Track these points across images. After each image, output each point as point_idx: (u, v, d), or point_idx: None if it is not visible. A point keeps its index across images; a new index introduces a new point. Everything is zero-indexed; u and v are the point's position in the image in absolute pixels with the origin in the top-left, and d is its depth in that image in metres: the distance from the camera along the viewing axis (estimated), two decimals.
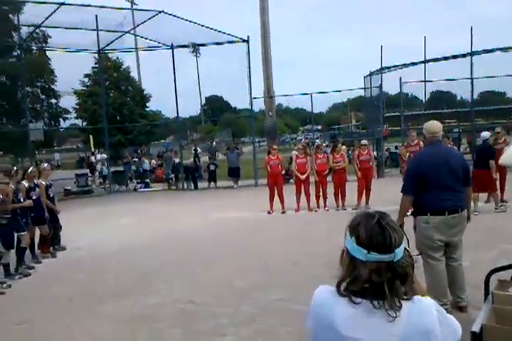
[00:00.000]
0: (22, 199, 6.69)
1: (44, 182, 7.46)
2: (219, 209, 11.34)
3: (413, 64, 19.05)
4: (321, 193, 10.23)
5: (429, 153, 4.22)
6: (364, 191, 10.02)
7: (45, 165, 8.27)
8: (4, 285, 5.97)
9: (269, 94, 19.93)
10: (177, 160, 17.01)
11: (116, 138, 28.60)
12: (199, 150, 20.12)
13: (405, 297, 1.28)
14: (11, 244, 6.24)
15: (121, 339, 4.20)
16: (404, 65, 18.55)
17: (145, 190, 17.43)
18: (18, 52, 16.72)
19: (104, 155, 19.24)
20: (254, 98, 16.74)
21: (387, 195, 7.68)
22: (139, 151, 26.59)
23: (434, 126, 4.21)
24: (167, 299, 5.17)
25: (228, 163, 16.45)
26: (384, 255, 1.26)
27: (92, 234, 9.03)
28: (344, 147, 12.07)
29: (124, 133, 31.22)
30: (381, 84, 16.93)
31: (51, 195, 7.63)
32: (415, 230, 4.14)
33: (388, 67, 18.34)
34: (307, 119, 60.14)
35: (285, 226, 8.99)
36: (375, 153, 12.83)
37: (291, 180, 14.07)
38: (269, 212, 10.25)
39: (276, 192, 10.33)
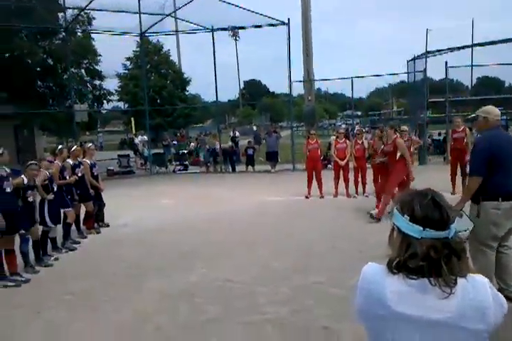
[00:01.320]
0: (68, 177, 6.95)
1: (88, 161, 7.70)
2: (257, 192, 11.42)
3: (459, 48, 18.29)
4: (360, 179, 10.12)
5: (497, 135, 4.00)
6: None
7: (90, 144, 8.49)
8: (52, 258, 6.27)
9: (308, 78, 19.69)
10: (216, 144, 17.18)
11: (156, 121, 29.11)
12: (237, 134, 20.20)
13: (460, 274, 1.27)
14: (57, 219, 6.52)
15: (164, 313, 4.34)
16: (450, 49, 17.83)
17: (184, 172, 17.72)
18: (64, 34, 17.15)
19: (145, 137, 19.63)
20: (296, 81, 16.58)
21: (431, 182, 7.51)
22: (178, 134, 26.97)
23: (497, 109, 4.08)
24: (206, 277, 5.30)
25: (266, 147, 16.45)
26: (440, 232, 1.26)
27: (134, 213, 9.30)
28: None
29: (164, 116, 31.74)
30: (425, 69, 16.39)
31: (95, 174, 7.84)
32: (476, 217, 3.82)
33: (433, 52, 17.69)
34: (346, 105, 59.19)
35: (322, 211, 8.97)
36: (416, 138, 12.45)
37: (329, 166, 13.98)
38: (306, 197, 10.24)
39: (314, 176, 10.28)
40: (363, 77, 17.52)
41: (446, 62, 16.27)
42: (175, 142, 21.97)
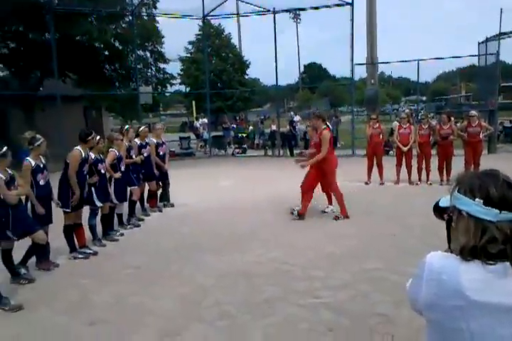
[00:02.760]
0: (134, 156, 7.22)
1: (155, 140, 7.92)
2: None
3: None
4: (423, 166, 9.76)
5: None
6: (472, 166, 9.37)
7: (158, 124, 8.68)
8: (117, 234, 6.59)
9: (372, 61, 19.07)
10: (274, 128, 17.17)
11: (217, 105, 29.46)
12: (298, 118, 20.02)
13: None
14: (123, 196, 6.82)
15: (224, 290, 4.46)
16: None
17: (242, 155, 17.90)
18: (130, 18, 17.63)
19: (205, 120, 19.96)
20: (358, 64, 16.11)
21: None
22: (237, 118, 27.21)
23: None
24: (263, 258, 5.37)
25: None
26: None
27: (194, 193, 9.55)
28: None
29: (224, 100, 32.06)
30: (498, 52, 15.34)
31: (161, 153, 7.94)
32: None
33: (508, 33, 16.47)
34: (410, 89, 56.98)
35: (382, 197, 8.77)
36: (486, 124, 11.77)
37: (390, 152, 13.59)
38: (366, 183, 10.04)
39: (375, 162, 10.03)
40: (429, 59, 16.73)
41: None
42: (234, 125, 22.20)
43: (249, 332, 3.58)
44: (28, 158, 4.93)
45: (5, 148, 4.29)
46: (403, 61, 17.27)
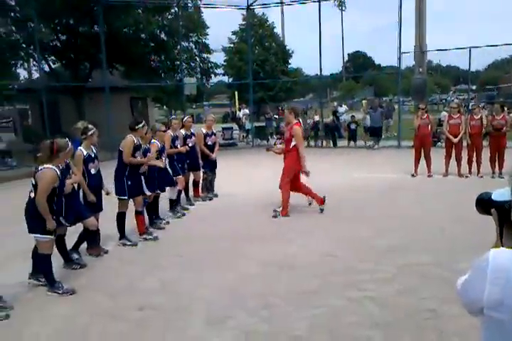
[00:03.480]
0: (179, 146, 7.32)
1: (204, 131, 7.96)
2: (358, 168, 11.16)
3: None
4: (474, 158, 9.39)
5: None
6: None
7: (209, 116, 8.73)
8: (163, 222, 6.74)
9: (420, 49, 18.42)
10: (316, 118, 16.97)
11: (259, 95, 29.44)
12: (345, 108, 19.69)
13: None
14: (169, 185, 6.93)
15: (265, 281, 4.48)
16: None
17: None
18: (176, 9, 17.81)
19: (246, 111, 20.00)
20: (406, 52, 15.62)
21: None
22: (279, 108, 27.08)
23: None
24: (306, 249, 5.35)
25: (370, 122, 15.87)
26: None
27: (238, 183, 9.61)
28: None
29: (266, 90, 31.99)
30: None
31: (209, 143, 7.97)
32: None
33: None
34: (460, 78, 54.67)
35: (430, 190, 8.51)
36: None
37: (438, 143, 13.16)
38: (413, 175, 9.76)
39: (423, 154, 9.73)
40: (482, 47, 15.95)
41: None
42: (276, 116, 22.10)
43: (293, 323, 3.58)
44: (80, 147, 5.10)
45: (67, 140, 4.42)
46: (457, 48, 16.54)
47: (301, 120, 6.82)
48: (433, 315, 3.63)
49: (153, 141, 6.40)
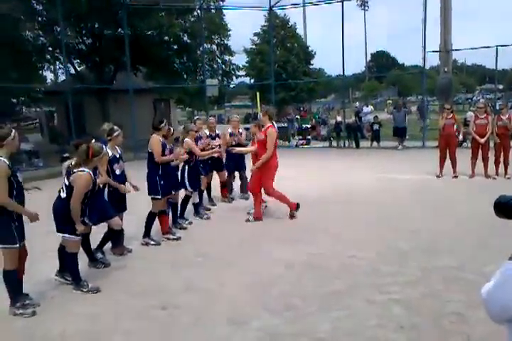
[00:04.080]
0: (201, 146, 7.34)
1: (230, 131, 7.97)
2: (381, 169, 11.03)
3: None
4: (501, 159, 9.17)
5: None
6: None
7: (234, 116, 8.78)
8: (186, 222, 6.79)
9: (445, 48, 18.07)
10: (339, 119, 16.86)
11: (280, 96, 29.36)
12: (370, 108, 19.49)
13: None
14: (197, 185, 6.98)
15: (289, 281, 4.47)
16: None
17: (306, 146, 17.75)
18: (199, 11, 17.94)
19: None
20: (430, 51, 15.36)
21: None
22: (301, 109, 27.00)
23: None
24: (330, 250, 5.31)
25: (394, 122, 15.67)
26: None
27: None
28: None
29: (288, 91, 31.87)
30: None
31: (233, 143, 7.91)
32: None
33: None
34: (486, 77, 53.44)
35: (456, 191, 8.35)
36: None
37: (464, 144, 12.92)
38: (438, 176, 9.59)
39: (448, 154, 9.55)
40: (508, 46, 15.54)
41: None
42: (297, 117, 22.06)
43: (317, 325, 3.56)
44: (105, 148, 5.18)
45: (102, 145, 4.50)
46: (484, 47, 16.19)
47: (274, 123, 6.69)
48: (459, 319, 3.57)
49: (186, 139, 6.52)
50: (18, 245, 3.81)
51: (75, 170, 4.14)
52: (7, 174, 3.65)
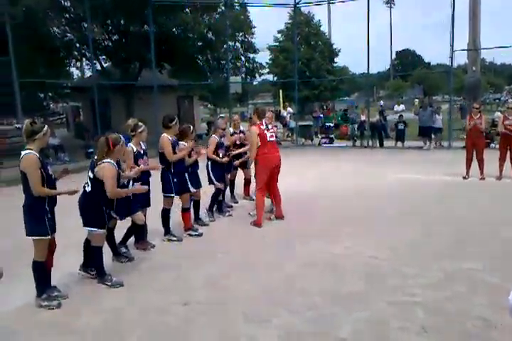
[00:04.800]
0: (225, 143, 7.34)
1: (231, 130, 7.95)
2: (405, 169, 10.88)
3: None
4: None
5: None
6: None
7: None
8: (209, 219, 6.82)
9: (474, 47, 17.71)
10: (363, 117, 16.68)
11: (304, 93, 29.24)
12: (402, 107, 19.26)
13: None
14: (223, 178, 6.96)
15: (310, 280, 4.46)
16: None
17: (329, 145, 17.63)
18: (223, 8, 17.96)
19: (290, 109, 19.92)
20: (458, 50, 15.07)
21: None
22: (324, 107, 26.81)
23: None
24: (351, 251, 5.27)
25: (420, 121, 15.41)
26: None
27: (284, 182, 9.54)
28: None
29: (311, 89, 31.72)
30: None
31: (237, 143, 7.81)
32: None
33: None
34: None
35: (483, 193, 8.18)
36: None
37: (491, 145, 12.63)
38: (464, 177, 9.40)
39: (475, 155, 9.34)
40: None
41: None
42: (321, 115, 21.92)
43: (337, 326, 3.54)
44: (130, 144, 5.25)
45: (118, 134, 4.57)
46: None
47: (265, 121, 6.55)
48: (483, 324, 3.50)
49: (213, 136, 6.66)
50: (49, 236, 3.92)
51: (98, 163, 4.21)
52: (38, 166, 3.77)
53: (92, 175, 4.27)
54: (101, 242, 4.43)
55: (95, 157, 4.37)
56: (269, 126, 6.55)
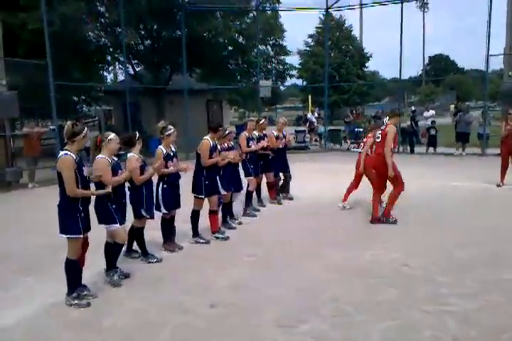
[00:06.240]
0: (253, 146, 7.35)
1: (275, 133, 7.93)
2: (437, 175, 10.63)
3: None
4: None
5: None
6: None
7: (281, 118, 8.79)
8: (236, 222, 6.82)
9: (511, 51, 17.19)
10: None
11: (333, 98, 29.05)
12: (432, 112, 18.91)
13: None
14: (240, 186, 7.00)
15: (341, 287, 4.38)
16: None
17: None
18: (255, 13, 18.04)
19: (316, 114, 19.81)
20: (494, 55, 14.67)
21: None
22: (353, 112, 26.60)
23: None
24: (383, 257, 5.15)
25: (457, 127, 15.00)
26: None
27: (308, 186, 9.49)
28: None
29: (340, 94, 31.49)
30: None
31: (280, 146, 7.95)
32: None
33: None
34: None
35: None
36: None
37: None
38: (498, 185, 9.09)
39: (510, 162, 9.04)
40: None
41: None
42: (348, 120, 21.76)
43: (366, 334, 3.45)
44: (160, 146, 5.31)
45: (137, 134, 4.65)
46: None
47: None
48: None
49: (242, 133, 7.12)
50: (81, 235, 3.99)
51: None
52: (74, 167, 3.85)
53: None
54: (120, 239, 4.48)
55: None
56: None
